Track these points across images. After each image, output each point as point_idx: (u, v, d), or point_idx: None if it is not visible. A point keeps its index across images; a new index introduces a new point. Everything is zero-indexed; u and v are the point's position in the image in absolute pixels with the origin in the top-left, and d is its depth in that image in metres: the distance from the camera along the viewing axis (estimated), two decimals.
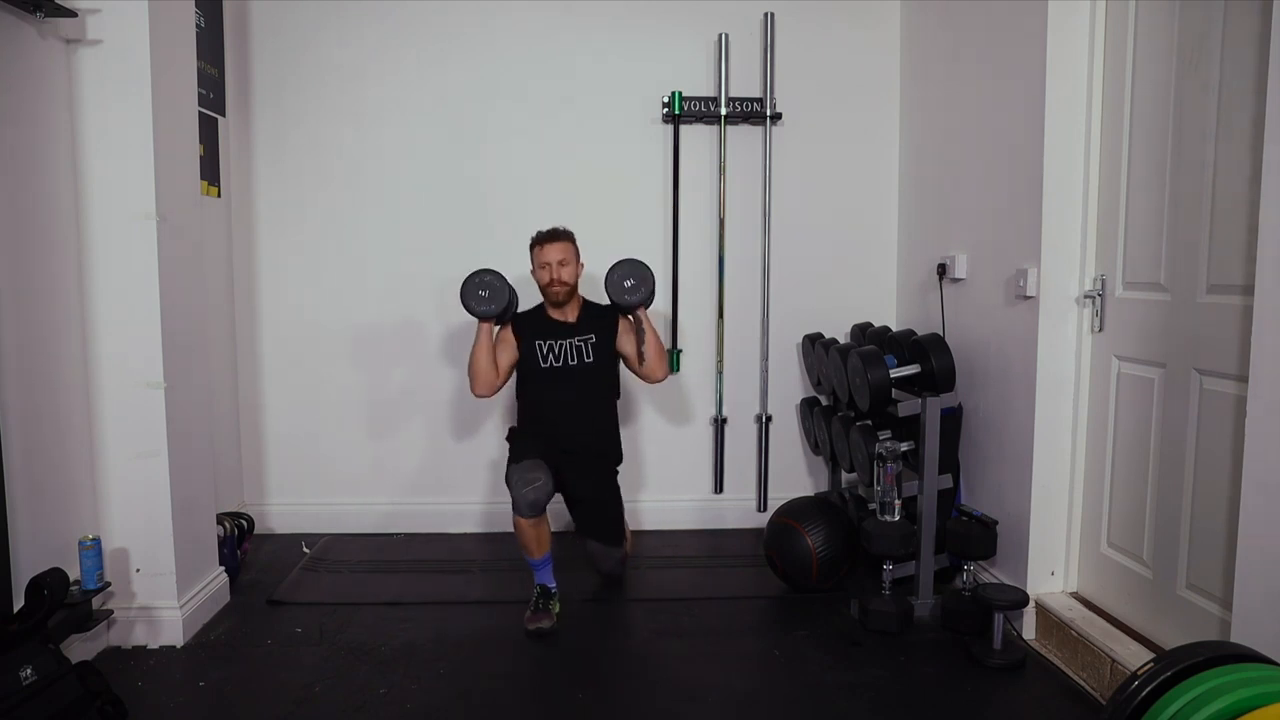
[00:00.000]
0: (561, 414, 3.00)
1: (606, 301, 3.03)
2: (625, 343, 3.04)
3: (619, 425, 3.15)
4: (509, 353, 3.01)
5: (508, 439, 3.08)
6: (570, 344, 2.99)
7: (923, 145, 3.54)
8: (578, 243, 3.01)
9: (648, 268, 2.94)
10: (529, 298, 3.15)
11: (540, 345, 2.98)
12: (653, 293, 2.95)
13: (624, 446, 3.18)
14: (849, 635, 2.72)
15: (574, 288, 3.00)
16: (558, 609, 2.84)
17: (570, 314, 3.03)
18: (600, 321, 3.04)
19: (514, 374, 3.06)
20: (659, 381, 3.09)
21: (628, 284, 2.92)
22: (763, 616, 2.91)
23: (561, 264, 2.93)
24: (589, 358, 2.99)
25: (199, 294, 2.87)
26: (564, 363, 2.98)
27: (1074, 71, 2.57)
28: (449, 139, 3.66)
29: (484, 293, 2.89)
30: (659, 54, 3.65)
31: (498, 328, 3.00)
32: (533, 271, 3.01)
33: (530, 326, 3.02)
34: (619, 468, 3.15)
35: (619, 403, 3.15)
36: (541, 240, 2.96)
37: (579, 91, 3.67)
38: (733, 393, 3.80)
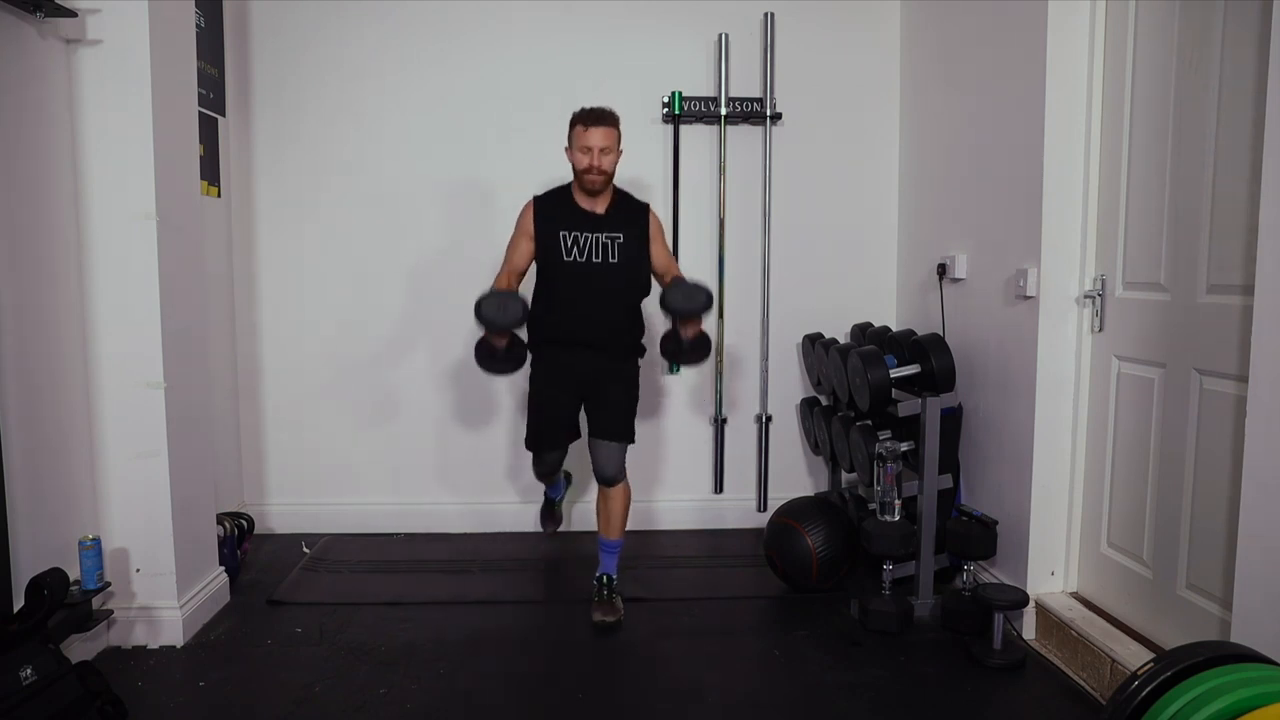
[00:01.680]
0: (583, 315, 2.82)
1: (641, 199, 2.90)
2: (654, 253, 2.85)
3: (643, 319, 2.95)
4: (527, 250, 2.82)
5: (529, 347, 2.92)
6: (596, 239, 2.77)
7: (923, 145, 3.54)
8: (620, 127, 2.80)
9: (704, 296, 2.73)
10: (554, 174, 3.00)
11: (565, 236, 2.77)
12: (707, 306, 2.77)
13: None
14: (849, 635, 2.72)
15: (610, 176, 2.78)
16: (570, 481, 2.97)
17: (600, 204, 2.81)
18: (632, 220, 2.83)
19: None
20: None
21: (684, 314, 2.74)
22: (763, 616, 2.91)
23: (604, 151, 2.71)
24: (614, 258, 2.78)
25: (199, 294, 2.87)
26: (588, 258, 2.77)
27: (1074, 71, 2.57)
28: (449, 138, 3.66)
29: (502, 312, 2.67)
30: (659, 54, 3.65)
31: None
32: (568, 150, 2.78)
33: (555, 212, 2.81)
34: (640, 359, 2.98)
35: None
36: (586, 121, 2.73)
37: (579, 91, 3.63)
38: (733, 393, 3.80)
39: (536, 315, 2.86)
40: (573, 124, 2.77)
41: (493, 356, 2.80)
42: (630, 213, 2.85)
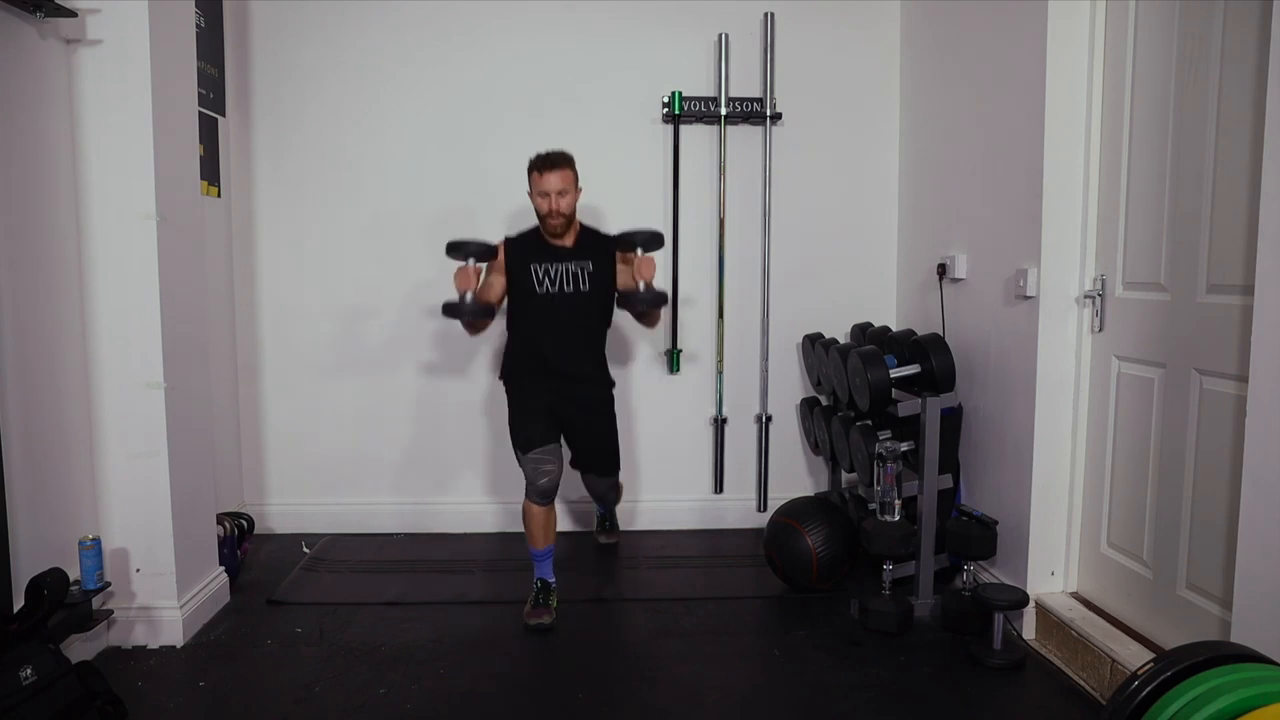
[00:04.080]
0: (556, 344, 2.90)
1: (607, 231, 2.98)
2: (626, 279, 2.93)
3: (606, 353, 3.06)
4: (499, 284, 2.92)
5: (501, 378, 3.03)
6: (566, 268, 2.87)
7: (923, 145, 3.54)
8: (576, 167, 2.89)
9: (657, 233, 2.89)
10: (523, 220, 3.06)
11: (535, 269, 2.87)
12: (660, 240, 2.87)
13: (624, 448, 3.19)
14: (849, 635, 2.72)
15: (571, 217, 2.88)
16: (556, 604, 2.85)
17: (568, 239, 2.91)
18: (599, 250, 2.93)
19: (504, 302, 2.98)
20: (651, 327, 3.13)
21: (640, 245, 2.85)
22: (763, 616, 2.91)
23: (561, 194, 2.80)
24: (585, 286, 2.89)
25: (199, 294, 2.87)
26: (560, 288, 2.87)
27: (1074, 71, 2.57)
28: (449, 138, 3.66)
29: (463, 245, 2.83)
30: (659, 54, 3.65)
31: (483, 265, 2.92)
32: (530, 194, 2.88)
33: (525, 249, 2.91)
34: (614, 391, 3.08)
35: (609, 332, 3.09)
36: (540, 167, 2.82)
37: (579, 91, 3.66)
38: (733, 393, 3.80)
39: (510, 351, 3.02)
40: (529, 171, 2.86)
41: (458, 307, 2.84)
42: (598, 243, 2.95)
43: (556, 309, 2.88)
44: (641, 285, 2.83)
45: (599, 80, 3.66)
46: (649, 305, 2.87)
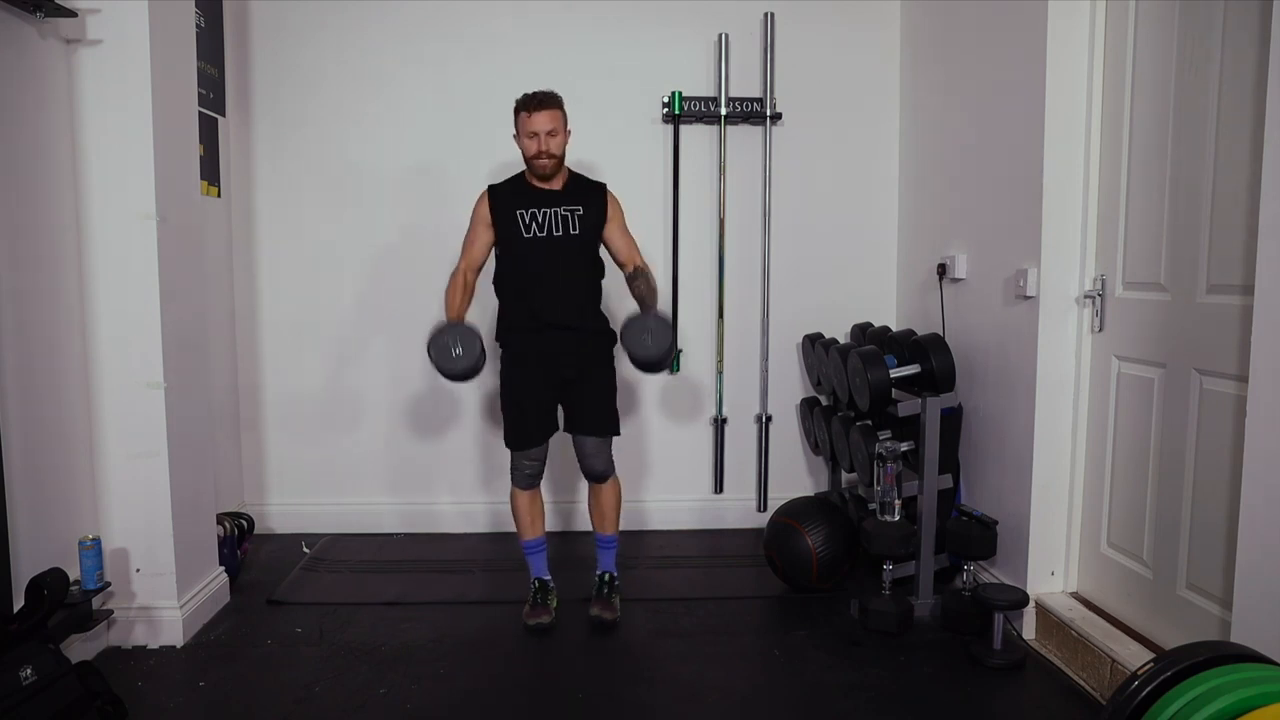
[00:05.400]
0: (546, 292, 2.73)
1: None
2: (614, 234, 2.81)
3: (603, 303, 2.89)
4: (485, 239, 2.77)
5: (497, 339, 2.86)
6: (556, 212, 2.72)
7: (923, 145, 3.54)
8: (565, 108, 2.76)
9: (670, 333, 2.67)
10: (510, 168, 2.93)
11: (523, 214, 2.71)
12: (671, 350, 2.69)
13: (625, 448, 3.17)
14: (849, 635, 2.72)
15: (561, 159, 2.74)
16: (556, 604, 2.84)
17: (556, 184, 2.77)
18: (589, 196, 2.79)
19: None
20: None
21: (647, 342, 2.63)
22: (763, 616, 2.91)
23: (550, 134, 2.67)
24: (575, 229, 2.73)
25: (199, 294, 2.87)
26: (548, 232, 2.71)
27: (1074, 71, 2.57)
28: (449, 138, 3.66)
29: (457, 350, 2.60)
30: (659, 54, 3.65)
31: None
32: (516, 138, 2.75)
33: (510, 197, 2.76)
34: (613, 346, 2.86)
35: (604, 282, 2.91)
36: (528, 106, 2.68)
37: (579, 91, 3.63)
38: (733, 393, 3.79)
39: (501, 309, 2.84)
40: (516, 111, 2.73)
41: (446, 350, 2.61)
42: (588, 188, 2.81)
43: (545, 254, 2.72)
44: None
45: (599, 80, 3.66)
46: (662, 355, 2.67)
